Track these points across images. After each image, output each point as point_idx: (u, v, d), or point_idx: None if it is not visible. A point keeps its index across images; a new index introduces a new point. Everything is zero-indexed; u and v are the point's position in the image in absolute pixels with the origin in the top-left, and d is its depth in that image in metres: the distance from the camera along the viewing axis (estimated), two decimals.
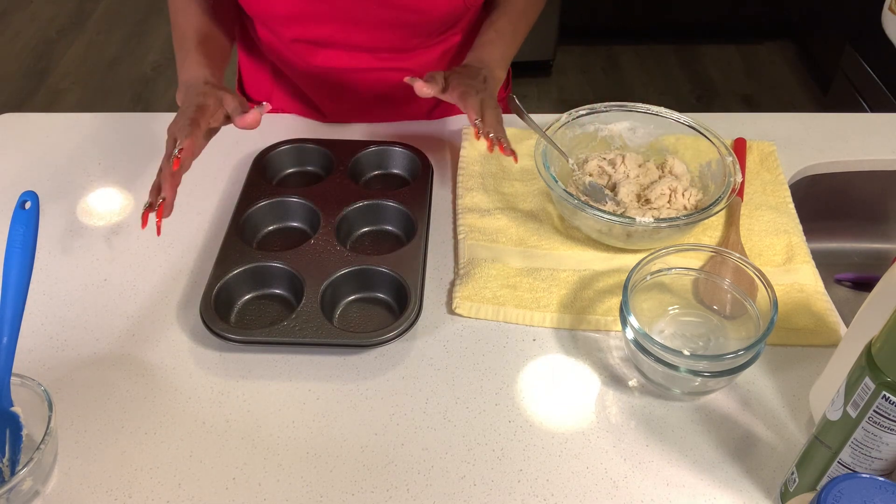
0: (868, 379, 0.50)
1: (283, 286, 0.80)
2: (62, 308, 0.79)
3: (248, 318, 0.78)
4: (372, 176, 0.95)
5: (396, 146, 0.95)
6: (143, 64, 2.91)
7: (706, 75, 2.84)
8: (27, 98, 2.73)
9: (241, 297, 0.79)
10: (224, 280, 0.77)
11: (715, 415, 0.69)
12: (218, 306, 0.75)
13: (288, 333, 0.72)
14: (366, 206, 0.87)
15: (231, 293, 0.78)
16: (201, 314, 0.74)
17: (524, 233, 0.86)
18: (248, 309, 0.79)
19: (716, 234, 0.86)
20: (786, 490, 0.61)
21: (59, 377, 0.72)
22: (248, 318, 0.78)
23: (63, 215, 0.90)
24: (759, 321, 0.71)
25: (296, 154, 0.95)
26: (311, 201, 0.87)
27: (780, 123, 1.03)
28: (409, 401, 0.70)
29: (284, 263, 0.79)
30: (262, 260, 0.80)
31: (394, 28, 0.94)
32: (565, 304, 0.78)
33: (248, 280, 0.79)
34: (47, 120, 1.05)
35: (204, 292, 0.76)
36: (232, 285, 0.78)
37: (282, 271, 0.79)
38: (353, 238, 0.87)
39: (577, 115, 0.91)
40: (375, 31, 0.94)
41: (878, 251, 1.05)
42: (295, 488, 0.64)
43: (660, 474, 0.65)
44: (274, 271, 0.79)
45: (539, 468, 0.65)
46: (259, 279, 0.79)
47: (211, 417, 0.69)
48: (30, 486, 0.62)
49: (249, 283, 0.79)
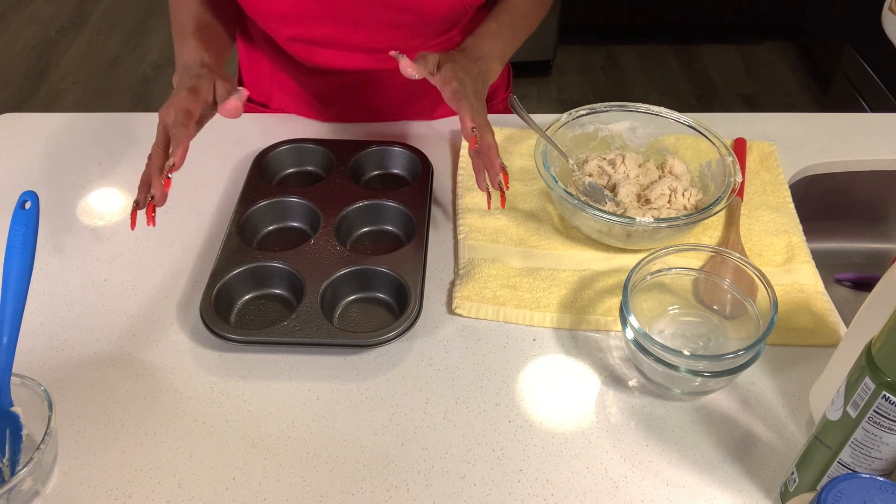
0: (868, 379, 0.50)
1: (283, 286, 0.80)
2: (62, 308, 0.79)
3: (248, 319, 0.78)
4: (372, 176, 0.95)
5: (396, 146, 0.95)
6: (143, 64, 2.91)
7: (706, 75, 2.84)
8: (27, 98, 2.73)
9: (240, 297, 0.79)
10: (224, 280, 0.77)
11: (715, 415, 0.69)
12: (218, 306, 0.75)
13: (288, 333, 0.72)
14: (366, 206, 0.87)
15: (231, 293, 0.78)
16: (201, 314, 0.74)
17: (524, 233, 0.86)
18: (247, 309, 0.79)
19: (716, 234, 0.86)
20: (786, 490, 0.61)
21: (59, 377, 0.72)
22: (248, 319, 0.78)
23: (63, 215, 0.90)
24: (759, 321, 0.71)
25: (296, 154, 0.95)
26: (311, 201, 0.87)
27: (780, 123, 1.03)
28: (409, 401, 0.70)
29: (285, 263, 0.79)
30: (263, 260, 0.80)
31: (393, 28, 0.93)
32: (565, 304, 0.78)
33: (248, 280, 0.79)
34: (47, 120, 1.05)
35: (204, 292, 0.76)
36: (232, 285, 0.78)
37: (282, 271, 0.79)
38: (353, 238, 0.87)
39: (577, 115, 0.91)
40: (374, 32, 0.94)
41: (878, 251, 1.05)
42: (295, 488, 0.64)
43: (660, 474, 0.65)
44: (274, 271, 0.79)
45: (539, 468, 0.65)
46: (259, 279, 0.79)
47: (211, 417, 0.69)
48: (30, 486, 0.62)
49: (249, 283, 0.79)
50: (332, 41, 0.95)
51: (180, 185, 0.93)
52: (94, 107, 2.67)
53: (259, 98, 1.11)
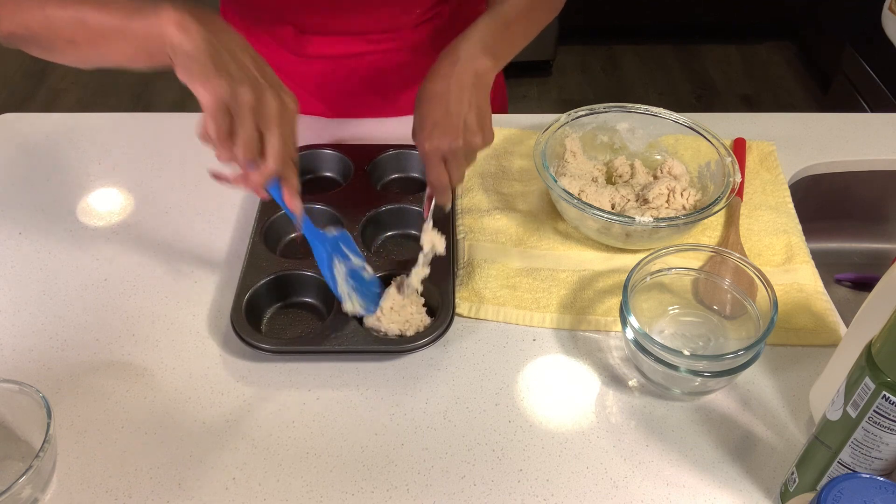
0: (868, 379, 0.50)
1: (311, 294, 0.79)
2: (62, 308, 0.79)
3: (277, 327, 0.77)
4: (390, 179, 0.95)
5: (414, 149, 0.94)
6: None
7: (706, 75, 2.84)
8: (27, 98, 2.73)
9: (268, 307, 0.78)
10: (253, 289, 0.76)
11: (715, 415, 0.69)
12: (248, 315, 0.74)
13: (320, 342, 0.72)
14: (389, 211, 0.86)
15: (257, 301, 0.77)
16: (233, 324, 0.73)
17: (524, 233, 0.86)
18: (276, 318, 0.78)
19: (715, 234, 0.86)
20: (786, 490, 0.61)
21: (58, 377, 0.72)
22: (277, 327, 0.77)
23: (63, 215, 0.90)
24: (759, 321, 0.71)
25: (312, 160, 0.95)
26: (333, 207, 0.86)
27: (780, 123, 1.03)
28: (409, 401, 0.70)
29: (312, 271, 0.78)
30: (290, 268, 0.79)
31: (383, 6, 0.93)
32: (565, 305, 0.78)
33: (274, 289, 0.78)
34: (47, 120, 1.05)
35: (234, 302, 0.75)
36: (257, 294, 0.77)
37: (309, 279, 0.78)
38: (378, 243, 0.87)
39: (576, 115, 0.91)
40: (365, 13, 0.93)
41: (878, 251, 1.06)
42: (295, 488, 0.64)
43: (660, 474, 0.65)
44: (302, 279, 0.79)
45: (539, 468, 0.65)
46: (286, 288, 0.79)
47: (211, 417, 0.69)
48: (29, 494, 0.61)
49: (274, 291, 0.79)
50: (325, 28, 0.94)
51: (186, 188, 0.94)
52: (94, 107, 2.67)
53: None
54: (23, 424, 0.65)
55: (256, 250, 0.81)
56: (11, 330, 0.77)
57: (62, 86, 2.78)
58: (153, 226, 0.88)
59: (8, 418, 0.65)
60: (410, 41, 0.99)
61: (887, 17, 1.73)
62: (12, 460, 0.65)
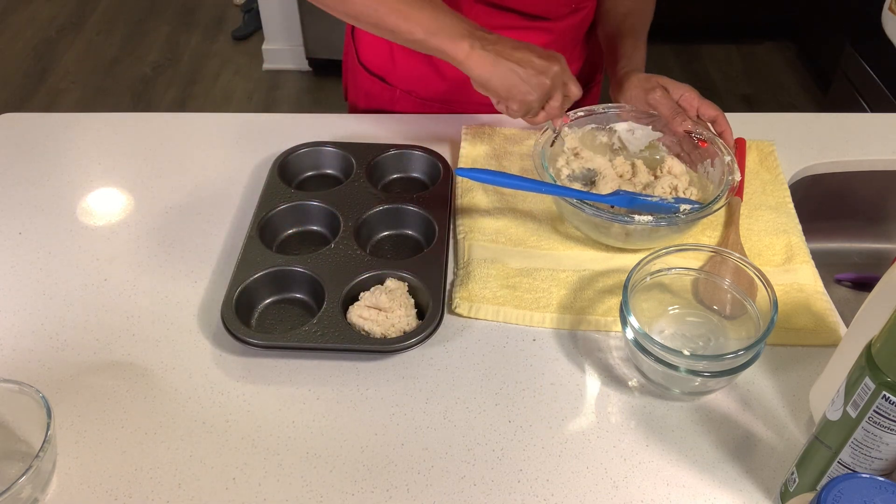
0: (868, 379, 0.50)
1: (303, 290, 0.79)
2: (62, 308, 0.79)
3: (268, 323, 0.77)
4: (391, 179, 0.95)
5: (416, 150, 0.94)
6: (143, 64, 2.91)
7: (706, 75, 2.84)
8: (27, 98, 2.73)
9: (261, 301, 0.79)
10: (245, 284, 0.77)
11: (715, 415, 0.69)
12: (239, 310, 0.75)
13: (310, 338, 0.72)
14: (386, 210, 0.87)
15: (251, 297, 0.78)
16: (223, 318, 0.74)
17: (523, 233, 0.86)
18: (268, 313, 0.78)
19: (715, 234, 0.86)
20: (786, 490, 0.61)
21: (58, 377, 0.72)
22: (268, 323, 0.77)
23: (63, 215, 0.90)
24: (759, 321, 0.71)
25: (315, 157, 0.95)
26: (331, 205, 0.86)
27: (780, 123, 1.03)
28: (409, 401, 0.70)
29: (305, 267, 0.79)
30: (283, 264, 0.79)
31: None
32: (565, 305, 0.78)
33: (269, 284, 0.79)
34: (47, 120, 1.05)
35: (225, 296, 0.76)
36: (252, 289, 0.78)
37: (302, 275, 0.79)
38: (374, 242, 0.87)
39: (576, 115, 0.91)
40: None
41: (878, 251, 1.06)
42: (295, 488, 0.64)
43: (660, 474, 0.65)
44: (294, 275, 0.79)
45: (539, 468, 0.65)
46: (279, 283, 0.79)
47: (211, 417, 0.69)
48: (29, 494, 0.61)
49: (269, 286, 0.79)
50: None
51: (188, 190, 0.94)
52: (94, 107, 2.67)
53: (379, 63, 1.06)
54: (23, 424, 0.65)
55: (251, 245, 0.81)
56: (11, 330, 0.77)
57: (62, 86, 2.79)
58: (153, 226, 0.88)
59: (8, 418, 0.65)
60: (560, 29, 1.00)
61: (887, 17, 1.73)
62: (12, 460, 0.65)
